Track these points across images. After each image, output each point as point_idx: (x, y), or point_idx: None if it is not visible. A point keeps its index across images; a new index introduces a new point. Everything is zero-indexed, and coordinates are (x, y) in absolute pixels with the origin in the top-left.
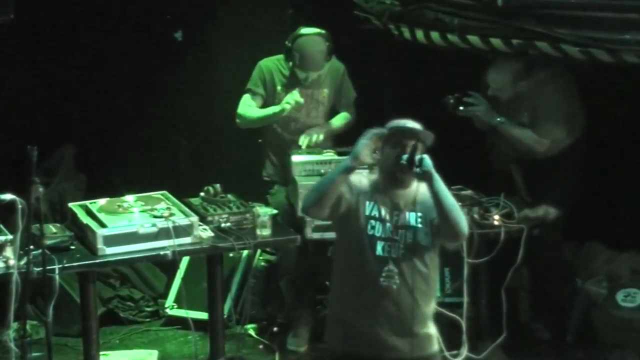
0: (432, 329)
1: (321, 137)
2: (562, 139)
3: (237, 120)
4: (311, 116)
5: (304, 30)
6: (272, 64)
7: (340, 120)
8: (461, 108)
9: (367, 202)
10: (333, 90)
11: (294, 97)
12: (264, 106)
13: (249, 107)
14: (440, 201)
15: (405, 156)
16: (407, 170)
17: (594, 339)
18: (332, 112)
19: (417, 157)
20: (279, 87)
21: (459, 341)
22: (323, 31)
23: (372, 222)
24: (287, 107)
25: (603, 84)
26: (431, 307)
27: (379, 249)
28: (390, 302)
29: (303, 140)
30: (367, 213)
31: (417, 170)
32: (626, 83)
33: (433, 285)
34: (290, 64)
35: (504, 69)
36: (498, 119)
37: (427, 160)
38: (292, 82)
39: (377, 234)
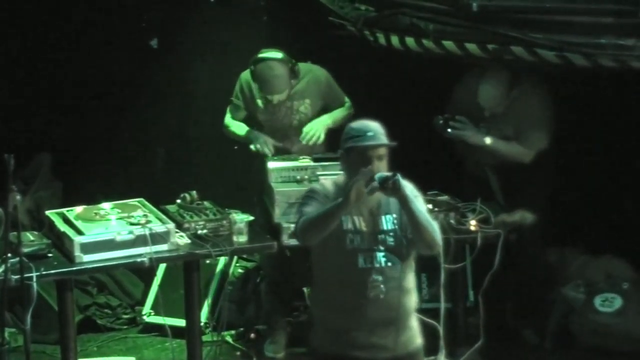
0: (414, 322)
1: (322, 137)
2: (544, 147)
3: (223, 130)
4: (293, 125)
5: (263, 54)
6: (250, 78)
7: (340, 112)
8: (449, 130)
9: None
10: (319, 97)
11: (265, 146)
12: (247, 117)
13: (232, 120)
14: (414, 220)
15: (378, 176)
16: (379, 191)
17: (572, 344)
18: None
19: (391, 178)
20: (258, 101)
21: (436, 347)
22: (280, 55)
23: (350, 235)
24: (255, 148)
25: (575, 89)
26: (414, 300)
27: (360, 262)
28: (379, 308)
29: (304, 136)
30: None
31: (390, 193)
32: (600, 88)
33: (413, 277)
34: None
35: (496, 82)
36: (486, 141)
37: (400, 181)
38: (268, 99)
39: (357, 247)
